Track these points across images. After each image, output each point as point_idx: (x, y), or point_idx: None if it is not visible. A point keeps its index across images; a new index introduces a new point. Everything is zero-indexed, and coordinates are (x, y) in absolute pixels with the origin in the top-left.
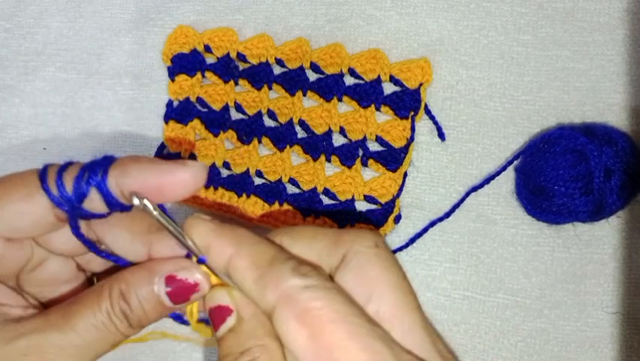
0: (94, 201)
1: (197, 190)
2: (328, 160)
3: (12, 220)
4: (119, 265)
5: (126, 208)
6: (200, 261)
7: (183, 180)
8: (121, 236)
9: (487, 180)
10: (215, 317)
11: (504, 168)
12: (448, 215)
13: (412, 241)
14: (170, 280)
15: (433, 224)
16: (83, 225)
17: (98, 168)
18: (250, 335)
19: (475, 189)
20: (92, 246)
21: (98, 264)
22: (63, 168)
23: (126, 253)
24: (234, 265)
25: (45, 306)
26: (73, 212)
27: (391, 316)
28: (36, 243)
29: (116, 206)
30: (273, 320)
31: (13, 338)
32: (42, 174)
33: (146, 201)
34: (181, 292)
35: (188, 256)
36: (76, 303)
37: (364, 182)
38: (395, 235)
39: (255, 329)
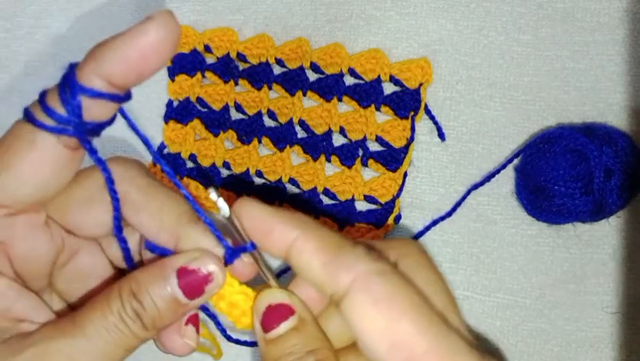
0: (91, 109)
1: (175, 41)
2: (328, 160)
3: (30, 178)
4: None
5: (124, 98)
6: (249, 249)
7: (158, 36)
8: (149, 225)
9: (488, 178)
10: (273, 315)
11: (504, 166)
12: (449, 214)
13: (415, 239)
14: (182, 272)
15: (435, 223)
16: (108, 210)
17: (71, 75)
18: (315, 336)
19: (476, 187)
20: (115, 199)
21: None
22: (43, 95)
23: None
24: (300, 248)
25: (74, 309)
26: (80, 131)
27: (410, 345)
28: (66, 231)
29: (113, 98)
30: (343, 304)
31: (20, 350)
32: (28, 116)
33: (219, 201)
34: (194, 284)
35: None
36: (86, 307)
37: (364, 182)
38: (395, 235)
39: (318, 332)
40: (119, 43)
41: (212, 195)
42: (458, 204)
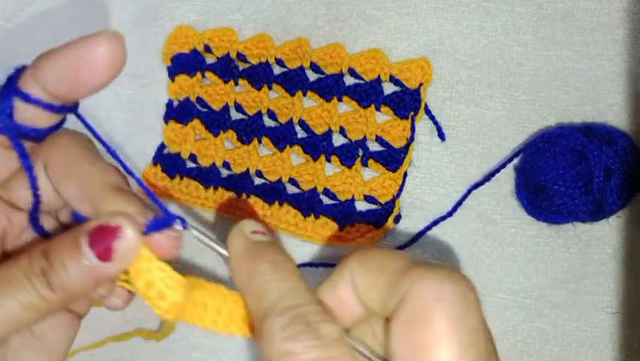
0: (25, 113)
1: (121, 66)
2: (328, 160)
3: None
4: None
5: (64, 109)
6: (174, 222)
7: (101, 55)
8: (70, 193)
9: (489, 177)
10: None
11: (504, 166)
12: (450, 214)
13: (415, 239)
14: (94, 233)
15: (435, 223)
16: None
17: (13, 77)
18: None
19: (476, 186)
20: (32, 176)
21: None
22: None
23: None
24: (246, 301)
25: None
26: (10, 131)
27: None
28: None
29: (49, 108)
30: None
31: None
32: None
33: (193, 230)
34: (100, 237)
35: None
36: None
37: (364, 182)
38: (395, 235)
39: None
40: (58, 52)
41: (178, 227)
42: (459, 204)
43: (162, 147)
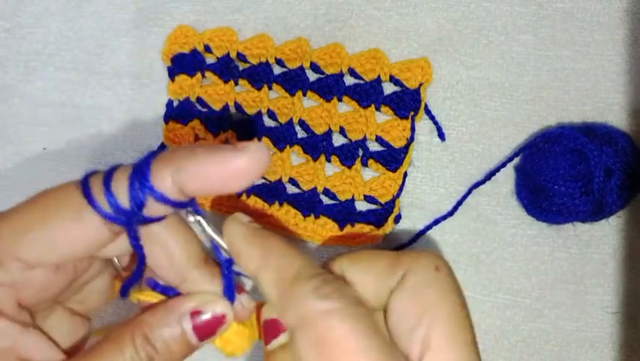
0: (152, 208)
1: (260, 175)
2: (328, 160)
3: (62, 246)
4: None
5: (188, 205)
6: (229, 262)
7: (244, 168)
8: (160, 260)
9: (489, 177)
10: (267, 330)
11: (504, 165)
12: (451, 213)
13: (415, 239)
14: (194, 315)
15: (436, 222)
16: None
17: (146, 170)
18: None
19: (477, 185)
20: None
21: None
22: (109, 177)
23: (161, 279)
24: (260, 278)
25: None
26: (131, 223)
27: (438, 347)
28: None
29: (175, 205)
30: (293, 342)
31: None
32: (85, 189)
33: (201, 220)
34: (207, 327)
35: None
36: (96, 352)
37: (364, 182)
38: (395, 235)
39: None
40: (205, 159)
41: (190, 218)
42: (459, 203)
43: (162, 147)
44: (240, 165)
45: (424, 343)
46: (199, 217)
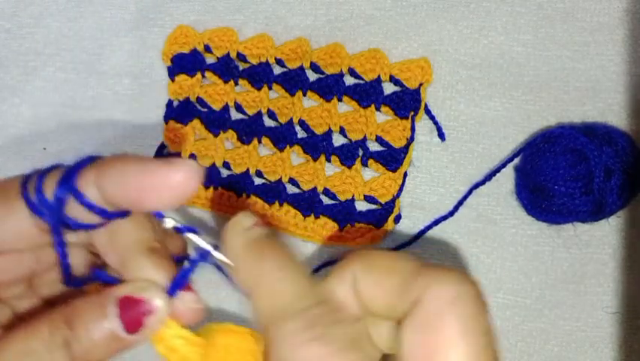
0: (74, 210)
1: (190, 195)
2: (328, 160)
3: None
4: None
5: (115, 216)
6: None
7: (172, 184)
8: (101, 242)
9: (489, 177)
10: None
11: (504, 165)
12: (452, 213)
13: (415, 239)
14: (123, 302)
15: (437, 222)
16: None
17: (74, 171)
18: None
19: (477, 185)
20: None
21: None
22: (47, 170)
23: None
24: (253, 300)
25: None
26: (56, 222)
27: None
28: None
29: (102, 213)
30: None
31: None
32: (24, 180)
33: (169, 221)
34: (130, 309)
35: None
36: (13, 334)
37: (364, 182)
38: (395, 235)
39: None
40: (127, 168)
41: (169, 223)
42: (460, 204)
43: (162, 147)
44: (166, 181)
45: None
46: (172, 221)
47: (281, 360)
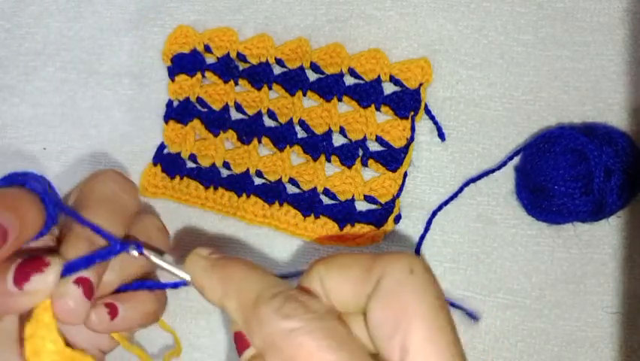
0: None
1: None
2: (328, 160)
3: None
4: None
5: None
6: (138, 250)
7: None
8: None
9: (486, 173)
10: (238, 341)
11: (504, 164)
12: (441, 207)
13: (421, 239)
14: (24, 261)
15: (434, 214)
16: None
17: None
18: None
19: (472, 180)
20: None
21: None
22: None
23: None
24: (225, 306)
25: None
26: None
27: (417, 350)
28: None
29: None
30: None
31: None
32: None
33: (146, 252)
34: (28, 266)
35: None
36: None
37: (364, 182)
38: (395, 235)
39: None
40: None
41: (133, 252)
42: (452, 198)
43: (162, 147)
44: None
45: (402, 348)
46: (153, 257)
47: (266, 338)
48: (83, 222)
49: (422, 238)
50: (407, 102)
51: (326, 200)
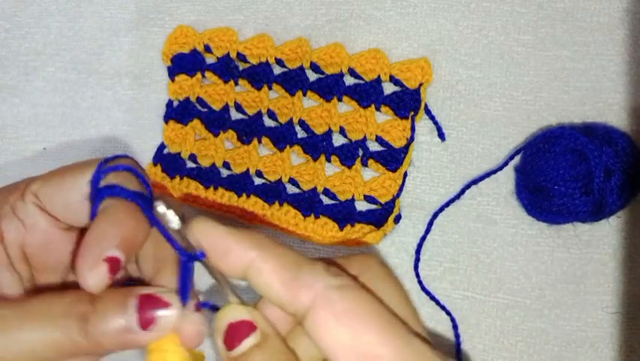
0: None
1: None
2: (328, 160)
3: (59, 198)
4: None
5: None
6: (198, 258)
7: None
8: (143, 253)
9: (488, 174)
10: (235, 333)
11: (506, 164)
12: (442, 209)
13: (422, 240)
14: (143, 299)
15: (435, 216)
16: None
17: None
18: (279, 351)
19: (473, 182)
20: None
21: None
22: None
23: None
24: (259, 268)
25: None
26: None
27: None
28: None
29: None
30: (306, 322)
31: None
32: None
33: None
34: (149, 306)
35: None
36: (40, 295)
37: (364, 182)
38: (395, 235)
39: (282, 347)
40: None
41: (161, 207)
42: (453, 200)
43: (162, 147)
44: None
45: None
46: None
47: (323, 295)
48: (165, 234)
49: (423, 239)
50: (407, 102)
51: (326, 200)
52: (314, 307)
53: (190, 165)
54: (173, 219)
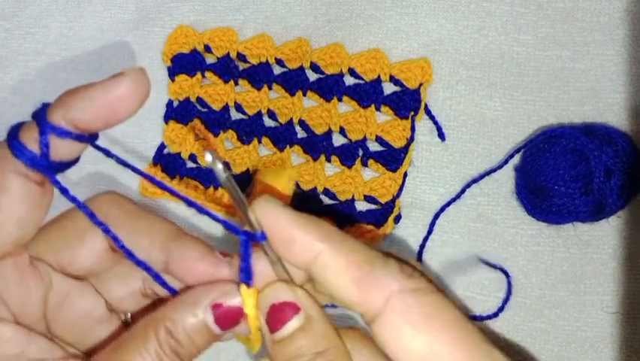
0: (58, 149)
1: (143, 98)
2: (328, 160)
3: (5, 220)
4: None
5: (90, 139)
6: (257, 239)
7: (126, 93)
8: (139, 245)
9: (488, 173)
10: (277, 315)
11: (506, 162)
12: (443, 208)
13: (424, 241)
14: (216, 307)
15: (436, 216)
16: (102, 241)
17: (41, 113)
18: (324, 335)
19: (475, 181)
20: (104, 226)
21: (130, 302)
22: (14, 133)
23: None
24: (326, 264)
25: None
26: (49, 168)
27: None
28: (57, 269)
29: (80, 138)
30: (376, 325)
31: None
32: (10, 140)
33: (218, 164)
34: (229, 317)
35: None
36: (119, 350)
37: (364, 182)
38: (395, 235)
39: (327, 329)
40: (89, 93)
41: (208, 157)
42: (454, 200)
43: (162, 147)
44: (122, 91)
45: None
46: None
47: (399, 297)
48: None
49: (425, 239)
50: (407, 102)
51: (326, 200)
52: (387, 311)
53: (190, 165)
54: (219, 169)
